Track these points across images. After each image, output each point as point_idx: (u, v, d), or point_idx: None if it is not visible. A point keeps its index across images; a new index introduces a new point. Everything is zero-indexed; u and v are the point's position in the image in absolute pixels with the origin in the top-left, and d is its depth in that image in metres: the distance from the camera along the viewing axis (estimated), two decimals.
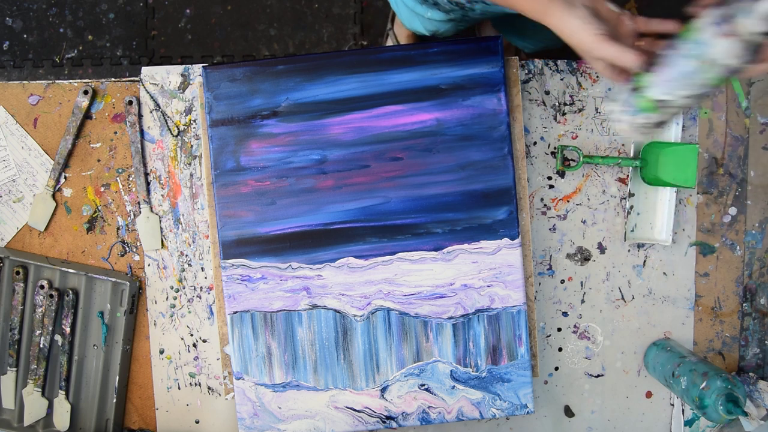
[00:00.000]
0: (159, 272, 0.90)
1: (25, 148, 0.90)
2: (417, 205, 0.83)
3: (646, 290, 0.91)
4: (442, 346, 0.84)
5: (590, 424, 0.92)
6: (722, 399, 0.75)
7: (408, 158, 0.83)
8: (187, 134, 0.89)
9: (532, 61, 0.89)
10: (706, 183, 0.91)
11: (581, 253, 0.90)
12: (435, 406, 0.84)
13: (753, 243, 0.91)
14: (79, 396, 0.89)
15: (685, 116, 0.89)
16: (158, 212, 0.90)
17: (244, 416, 0.84)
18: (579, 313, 0.90)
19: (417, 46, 0.84)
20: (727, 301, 0.91)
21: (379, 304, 0.84)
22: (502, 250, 0.84)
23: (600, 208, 0.90)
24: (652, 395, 0.91)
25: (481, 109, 0.83)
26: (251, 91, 0.83)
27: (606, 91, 0.89)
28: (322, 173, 0.84)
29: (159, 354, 0.90)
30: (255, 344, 0.84)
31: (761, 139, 0.91)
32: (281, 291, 0.84)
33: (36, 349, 0.88)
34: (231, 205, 0.84)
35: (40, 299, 0.87)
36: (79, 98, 0.89)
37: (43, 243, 0.90)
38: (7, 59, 1.58)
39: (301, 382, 0.84)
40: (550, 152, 0.90)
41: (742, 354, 0.92)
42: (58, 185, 0.90)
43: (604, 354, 0.91)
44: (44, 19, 1.57)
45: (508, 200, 0.83)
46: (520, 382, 0.84)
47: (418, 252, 0.84)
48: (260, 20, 1.57)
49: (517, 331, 0.84)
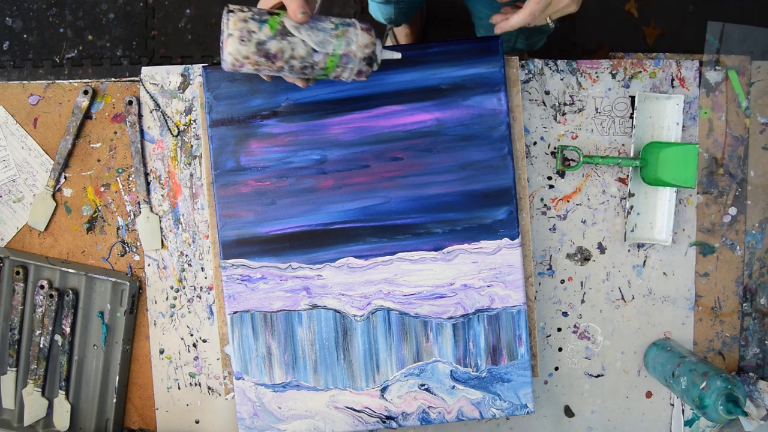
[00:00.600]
0: (159, 272, 0.90)
1: (25, 148, 0.90)
2: (417, 205, 0.83)
3: (646, 290, 0.91)
4: (442, 346, 0.84)
5: (590, 424, 0.92)
6: (722, 399, 0.75)
7: (408, 158, 0.83)
8: (187, 134, 0.89)
9: (532, 61, 0.89)
10: (706, 183, 0.91)
11: (581, 253, 0.90)
12: (435, 406, 0.84)
13: (753, 243, 0.92)
14: (79, 396, 0.89)
15: (685, 116, 0.89)
16: (158, 212, 0.90)
17: (244, 416, 0.84)
18: (579, 313, 0.90)
19: (417, 46, 0.84)
20: (727, 301, 0.91)
21: (379, 304, 0.84)
22: (502, 250, 0.84)
23: (600, 208, 0.90)
24: (652, 395, 0.91)
25: (481, 109, 0.83)
26: (251, 91, 0.83)
27: (606, 91, 0.89)
28: (322, 173, 0.84)
29: (159, 354, 0.90)
30: (255, 344, 0.84)
31: (761, 139, 0.91)
32: (281, 291, 0.84)
33: (36, 349, 0.88)
34: (231, 205, 0.84)
35: (40, 299, 0.87)
36: (79, 98, 0.89)
37: (43, 243, 0.90)
38: (7, 59, 1.58)
39: (301, 382, 0.84)
40: (550, 152, 0.90)
41: (742, 354, 0.92)
42: (58, 185, 0.90)
43: (604, 354, 0.91)
44: (44, 19, 1.57)
45: (508, 200, 0.83)
46: (520, 382, 0.84)
47: (418, 252, 0.84)
48: None
49: (517, 331, 0.84)
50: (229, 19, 0.66)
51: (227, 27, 0.66)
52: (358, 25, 0.70)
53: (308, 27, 0.68)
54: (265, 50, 0.67)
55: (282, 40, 0.67)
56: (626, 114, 0.89)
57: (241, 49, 0.66)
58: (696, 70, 0.90)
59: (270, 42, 0.67)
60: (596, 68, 0.89)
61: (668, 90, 0.89)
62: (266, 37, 0.67)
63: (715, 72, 0.90)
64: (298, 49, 0.68)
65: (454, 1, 1.56)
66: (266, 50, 0.67)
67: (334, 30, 0.69)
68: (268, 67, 0.69)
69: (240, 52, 0.66)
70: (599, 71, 0.89)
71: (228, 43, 0.66)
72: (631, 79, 0.89)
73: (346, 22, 0.71)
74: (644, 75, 0.89)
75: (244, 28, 0.66)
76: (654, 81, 0.89)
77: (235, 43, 0.66)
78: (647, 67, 0.89)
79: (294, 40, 0.68)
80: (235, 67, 0.68)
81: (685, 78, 0.90)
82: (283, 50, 0.68)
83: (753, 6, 1.54)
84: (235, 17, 0.66)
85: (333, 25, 0.69)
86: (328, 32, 0.69)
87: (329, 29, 0.69)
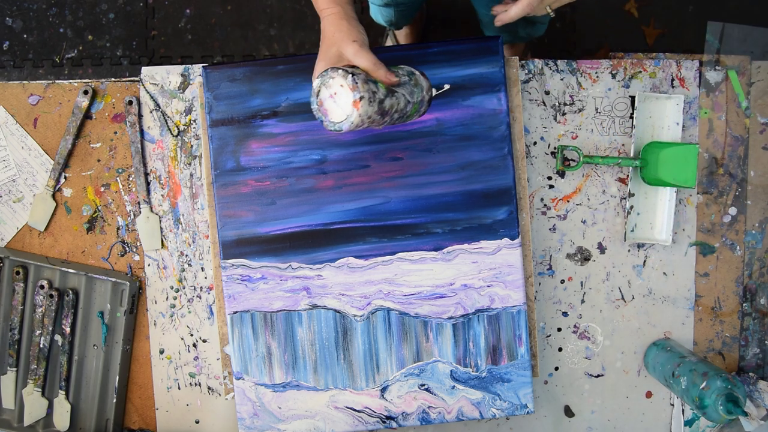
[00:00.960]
0: (159, 272, 0.90)
1: (25, 148, 0.90)
2: (417, 205, 0.83)
3: (646, 290, 0.91)
4: (442, 346, 0.84)
5: (590, 424, 0.92)
6: (722, 399, 0.75)
7: (408, 158, 0.83)
8: (187, 134, 0.89)
9: (532, 61, 0.89)
10: (706, 183, 0.91)
11: (581, 253, 0.90)
12: (435, 406, 0.84)
13: (753, 243, 0.91)
14: (79, 396, 0.89)
15: (685, 116, 0.89)
16: (158, 212, 0.90)
17: (244, 416, 0.84)
18: (579, 313, 0.90)
19: (417, 46, 0.84)
20: (727, 301, 0.91)
21: (379, 304, 0.84)
22: (502, 250, 0.84)
23: (600, 208, 0.90)
24: (652, 395, 0.91)
25: (481, 109, 0.83)
26: (251, 91, 0.83)
27: (606, 91, 0.89)
28: (322, 173, 0.84)
29: (159, 354, 0.90)
30: (255, 344, 0.84)
31: (761, 139, 0.91)
32: (281, 291, 0.84)
33: (36, 349, 0.88)
34: (231, 205, 0.84)
35: (40, 299, 0.87)
36: (79, 98, 0.89)
37: (43, 243, 0.90)
38: (7, 59, 1.58)
39: (301, 382, 0.84)
40: (550, 152, 0.90)
41: (742, 354, 0.92)
42: (58, 185, 0.90)
43: (604, 354, 0.91)
44: (44, 19, 1.57)
45: (508, 200, 0.83)
46: (520, 382, 0.84)
47: (418, 252, 0.84)
48: (260, 20, 1.57)
49: (517, 331, 0.84)
50: (357, 81, 0.65)
51: (357, 90, 0.65)
52: (416, 71, 0.74)
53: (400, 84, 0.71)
54: (383, 108, 0.68)
55: (392, 97, 0.69)
56: (626, 114, 0.89)
57: (369, 109, 0.66)
58: (696, 70, 0.90)
59: (386, 100, 0.68)
60: (596, 68, 0.89)
61: (668, 90, 0.89)
62: (383, 96, 0.68)
63: (715, 72, 0.90)
64: (401, 103, 0.70)
65: (454, 1, 1.56)
66: (383, 108, 0.68)
67: (410, 81, 0.72)
68: (377, 123, 0.70)
69: (367, 113, 0.66)
70: (599, 71, 0.89)
71: (360, 104, 0.65)
72: (631, 79, 0.89)
73: (411, 71, 0.73)
74: (644, 75, 0.89)
75: (369, 89, 0.66)
76: (654, 81, 0.89)
77: (366, 104, 0.66)
78: (647, 67, 0.89)
79: (398, 95, 0.70)
80: (356, 127, 0.67)
81: (685, 78, 0.90)
82: (393, 106, 0.69)
83: (753, 6, 1.53)
84: (360, 78, 0.66)
85: (407, 76, 0.72)
86: (409, 84, 0.72)
87: (407, 81, 0.72)
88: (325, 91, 0.67)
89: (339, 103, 0.66)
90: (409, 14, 1.23)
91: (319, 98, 0.67)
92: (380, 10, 1.16)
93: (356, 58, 0.68)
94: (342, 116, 0.67)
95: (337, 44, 0.70)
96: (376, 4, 1.12)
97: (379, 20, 1.22)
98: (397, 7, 1.12)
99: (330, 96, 0.67)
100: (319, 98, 0.67)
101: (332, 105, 0.67)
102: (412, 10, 1.21)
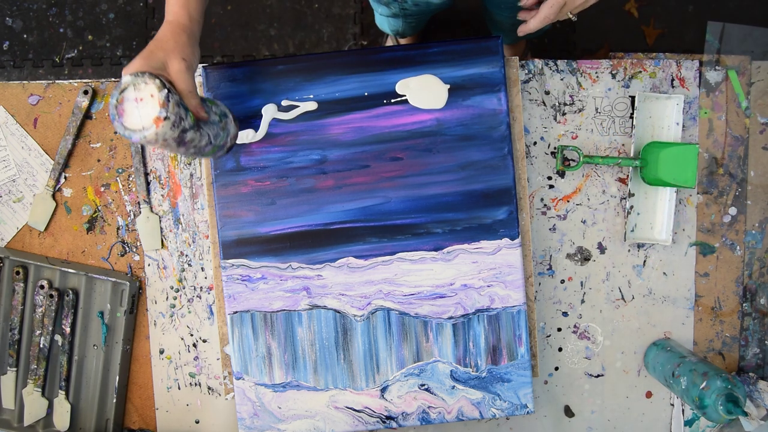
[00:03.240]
0: (159, 272, 0.90)
1: (25, 148, 0.90)
2: (417, 205, 0.83)
3: (646, 290, 0.91)
4: (442, 346, 0.84)
5: (590, 424, 0.92)
6: (722, 399, 0.75)
7: (408, 158, 0.83)
8: None
9: (532, 61, 0.89)
10: (706, 183, 0.91)
11: (581, 253, 0.90)
12: (435, 406, 0.84)
13: (753, 243, 0.92)
14: (79, 396, 0.89)
15: (685, 116, 0.89)
16: (158, 212, 0.90)
17: (244, 416, 0.84)
18: (579, 313, 0.90)
19: (417, 46, 0.84)
20: (727, 301, 0.91)
21: (379, 304, 0.84)
22: (502, 250, 0.84)
23: (600, 208, 0.90)
24: (652, 395, 0.91)
25: (481, 109, 0.83)
26: (251, 91, 0.83)
27: (606, 91, 0.89)
28: (322, 173, 0.84)
29: (159, 354, 0.90)
30: (255, 344, 0.84)
31: (761, 139, 0.91)
32: (281, 291, 0.84)
33: (36, 349, 0.88)
34: (231, 205, 0.84)
35: (40, 299, 0.87)
36: (79, 98, 0.89)
37: (43, 243, 0.90)
38: (7, 59, 1.58)
39: (301, 382, 0.84)
40: (550, 152, 0.90)
41: (742, 354, 0.92)
42: (58, 185, 0.90)
43: (604, 354, 0.91)
44: (44, 19, 1.57)
45: (508, 200, 0.83)
46: (520, 382, 0.84)
47: (418, 252, 0.84)
48: (260, 20, 1.57)
49: (517, 331, 0.84)
50: (169, 99, 0.62)
51: (166, 109, 0.62)
52: (230, 115, 0.73)
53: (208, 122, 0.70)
54: (183, 138, 0.65)
55: (196, 131, 0.67)
56: (626, 114, 0.89)
57: (168, 132, 0.63)
58: (696, 70, 0.90)
59: (189, 132, 0.66)
60: (596, 68, 0.89)
61: (668, 90, 0.89)
62: (188, 127, 0.65)
63: (715, 72, 0.90)
64: (203, 141, 0.69)
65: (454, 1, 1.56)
66: (183, 138, 0.65)
67: (219, 123, 0.71)
68: (171, 149, 0.67)
69: (165, 135, 0.63)
70: (599, 71, 0.89)
71: (162, 124, 0.62)
72: (631, 79, 0.89)
73: (224, 113, 0.72)
74: (644, 75, 0.89)
75: (178, 113, 0.63)
76: (654, 81, 0.89)
77: (167, 126, 0.63)
78: (647, 67, 0.89)
79: (203, 133, 0.69)
80: (147, 143, 0.64)
81: (685, 78, 0.90)
82: (193, 140, 0.67)
83: (753, 6, 1.53)
84: (174, 99, 0.63)
85: (217, 117, 0.71)
86: (217, 125, 0.71)
87: (216, 122, 0.71)
88: (133, 92, 0.63)
89: (141, 112, 0.62)
90: (418, 26, 1.21)
91: (122, 95, 0.63)
92: (387, 21, 1.14)
93: (178, 75, 0.65)
94: (138, 125, 0.63)
95: (166, 53, 0.66)
96: (383, 14, 1.10)
97: (385, 29, 1.20)
98: (406, 19, 1.10)
99: (135, 99, 0.63)
100: (122, 95, 0.63)
101: (133, 109, 0.63)
102: (422, 22, 1.19)
